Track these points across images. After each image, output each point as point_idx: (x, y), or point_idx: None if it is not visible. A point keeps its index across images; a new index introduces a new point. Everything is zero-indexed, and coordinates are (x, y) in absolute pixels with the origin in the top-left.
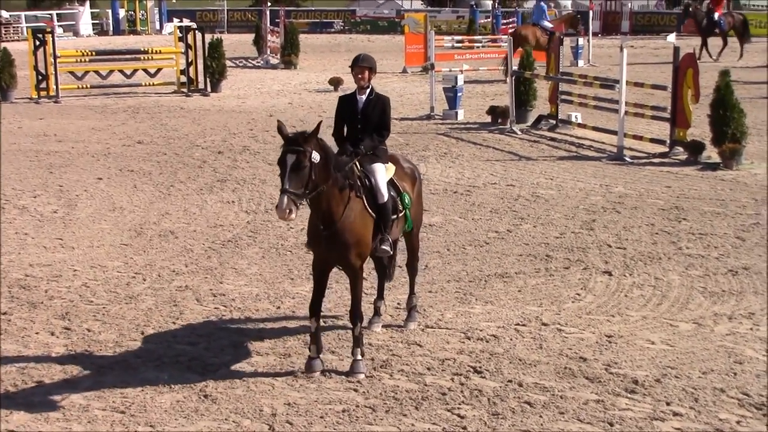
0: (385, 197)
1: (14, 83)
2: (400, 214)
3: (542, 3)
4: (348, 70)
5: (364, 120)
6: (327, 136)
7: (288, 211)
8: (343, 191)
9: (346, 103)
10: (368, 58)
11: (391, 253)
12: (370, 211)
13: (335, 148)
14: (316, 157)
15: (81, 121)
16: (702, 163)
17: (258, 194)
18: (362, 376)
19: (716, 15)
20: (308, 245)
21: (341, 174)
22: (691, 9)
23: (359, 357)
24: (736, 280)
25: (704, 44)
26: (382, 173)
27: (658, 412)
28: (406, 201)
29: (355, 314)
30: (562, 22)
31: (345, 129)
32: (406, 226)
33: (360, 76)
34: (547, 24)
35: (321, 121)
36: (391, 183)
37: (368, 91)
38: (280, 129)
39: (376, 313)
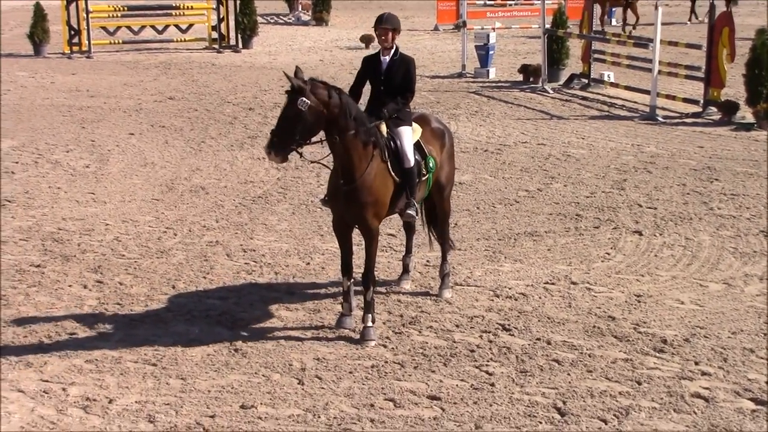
0: (411, 161)
1: (47, 38)
2: (423, 178)
3: None
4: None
5: (387, 81)
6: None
7: (267, 152)
8: (366, 147)
9: (370, 63)
10: (392, 18)
11: (417, 217)
12: (393, 174)
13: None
14: (303, 103)
15: (113, 76)
16: (736, 124)
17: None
18: (373, 343)
19: None
20: (325, 202)
21: (364, 129)
22: None
23: (369, 324)
24: (767, 241)
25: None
26: (409, 136)
27: (686, 372)
28: (431, 165)
29: (368, 277)
30: None
31: (365, 89)
32: (426, 191)
33: (384, 37)
34: None
35: (297, 66)
36: (416, 146)
37: (392, 51)
38: (295, 73)
39: (405, 270)
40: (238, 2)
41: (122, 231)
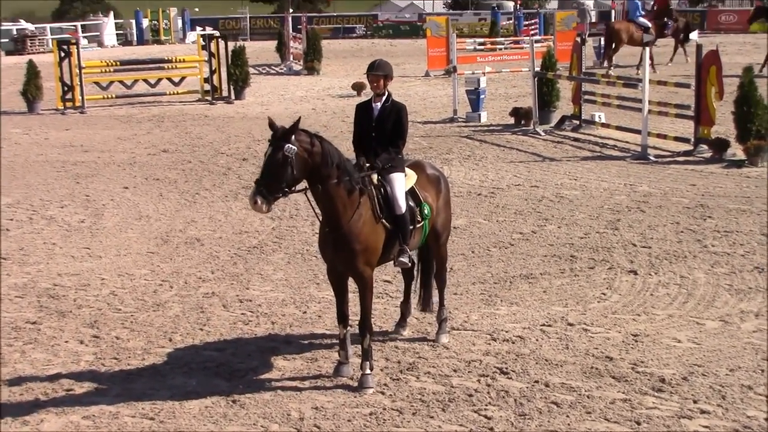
0: (403, 208)
1: (40, 95)
2: (418, 225)
3: (637, 0)
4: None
5: (379, 128)
6: (343, 141)
7: (254, 201)
8: (351, 194)
9: (362, 110)
10: (383, 64)
11: (410, 265)
12: (384, 221)
13: (353, 157)
14: (290, 151)
15: (106, 130)
16: (727, 161)
17: (283, 200)
18: (371, 391)
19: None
20: (319, 248)
21: (349, 176)
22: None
23: (368, 371)
24: (762, 277)
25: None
26: (400, 183)
27: (685, 411)
28: (426, 212)
29: (365, 325)
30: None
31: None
32: (422, 239)
33: (375, 84)
34: (643, 20)
35: (300, 117)
36: (410, 192)
37: (384, 98)
38: (271, 123)
39: (403, 316)
40: (229, 54)
41: (118, 285)
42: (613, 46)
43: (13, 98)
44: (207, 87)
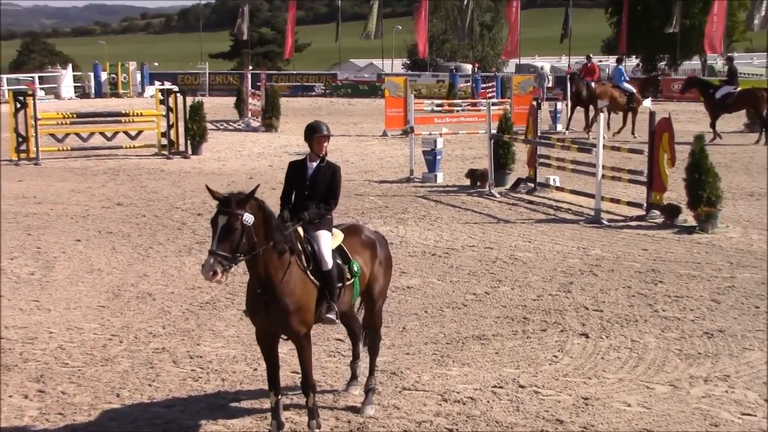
0: (329, 264)
1: None
2: (348, 283)
3: (620, 66)
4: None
5: (312, 187)
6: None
7: (213, 272)
8: (282, 255)
9: (296, 169)
10: (327, 126)
11: (337, 322)
12: (312, 277)
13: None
14: (248, 219)
15: (60, 183)
16: (678, 227)
17: None
18: None
19: (593, 84)
20: (247, 313)
21: (281, 238)
22: (574, 79)
23: (316, 430)
24: (711, 343)
25: (585, 113)
26: (327, 240)
27: None
28: (355, 269)
29: (307, 384)
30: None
31: (293, 195)
32: (353, 297)
33: (325, 144)
34: (627, 85)
35: (258, 185)
36: (338, 250)
37: (320, 158)
38: (213, 193)
39: (353, 376)
40: (187, 109)
41: (66, 339)
42: (593, 110)
43: None
44: (164, 141)
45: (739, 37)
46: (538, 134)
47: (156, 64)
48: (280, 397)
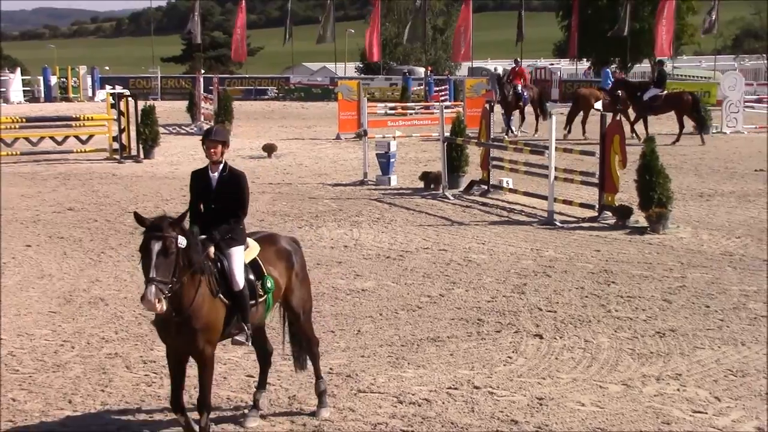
0: (241, 284)
1: None
2: (260, 300)
3: (607, 69)
4: (281, 136)
5: (218, 198)
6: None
7: (157, 301)
8: (194, 275)
9: (199, 179)
10: (221, 131)
11: (248, 344)
12: (222, 297)
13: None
14: (183, 242)
15: (10, 188)
16: (630, 227)
17: None
18: None
19: (519, 87)
20: (158, 332)
21: (199, 259)
22: (502, 82)
23: None
24: (663, 342)
25: (510, 117)
26: (239, 257)
27: None
28: (269, 285)
29: (203, 404)
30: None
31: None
32: (265, 313)
33: (213, 150)
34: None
35: (188, 210)
36: (252, 264)
37: (221, 167)
38: (139, 218)
39: (255, 405)
40: (139, 113)
41: (17, 345)
42: (581, 112)
43: None
44: (115, 145)
45: (687, 41)
46: (491, 137)
47: (107, 68)
48: (187, 417)
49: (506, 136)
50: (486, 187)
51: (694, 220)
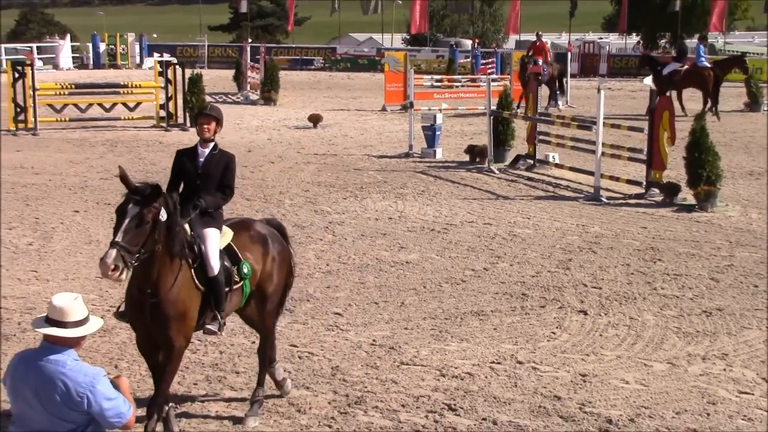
0: (215, 269)
1: None
2: (235, 287)
3: (701, 44)
4: (327, 107)
5: (204, 177)
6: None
7: (114, 267)
8: (174, 259)
9: (186, 157)
10: (216, 108)
11: (220, 333)
12: (197, 283)
13: None
14: (164, 215)
15: (59, 154)
16: (677, 205)
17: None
18: None
19: (541, 62)
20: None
21: (179, 240)
22: (526, 61)
23: None
24: (709, 321)
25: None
26: (215, 241)
27: None
28: (245, 270)
29: (157, 400)
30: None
31: (182, 186)
32: (242, 300)
33: (207, 126)
34: (706, 63)
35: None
36: (226, 250)
37: (212, 145)
38: (124, 178)
39: (252, 403)
40: (186, 81)
41: None
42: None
43: None
44: (162, 113)
45: (741, 16)
46: (538, 111)
47: (155, 35)
48: (170, 405)
49: (557, 108)
50: (532, 162)
51: (744, 198)
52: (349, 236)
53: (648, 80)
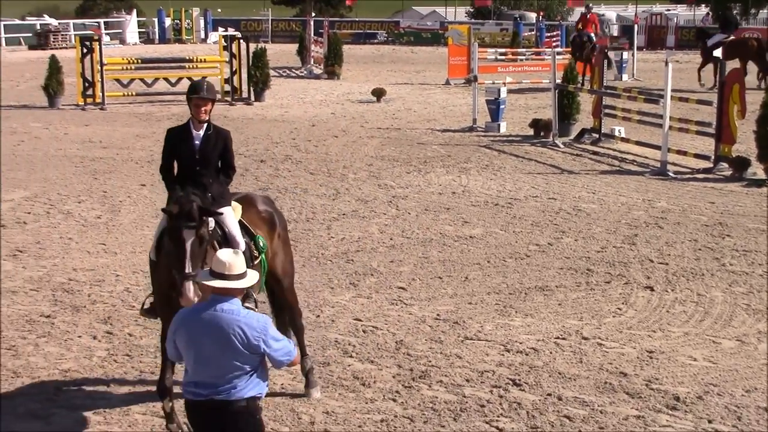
0: (242, 244)
1: (62, 90)
2: (256, 262)
3: None
4: (390, 81)
5: (203, 159)
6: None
7: (197, 297)
8: (202, 243)
9: (178, 138)
10: (212, 88)
11: (255, 309)
12: None
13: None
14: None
15: (126, 128)
16: (747, 180)
17: (299, 203)
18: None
19: (592, 36)
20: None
21: (211, 229)
22: (575, 35)
23: None
24: None
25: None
26: (233, 218)
27: (699, 430)
28: (261, 244)
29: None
30: None
31: (176, 168)
32: (263, 275)
33: (204, 108)
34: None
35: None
36: (240, 225)
37: (206, 125)
38: (167, 209)
39: (307, 374)
40: (250, 55)
41: (132, 282)
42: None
43: (34, 92)
44: (227, 88)
45: None
46: (604, 84)
47: (219, 10)
48: (173, 401)
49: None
50: (597, 136)
51: None
52: (413, 210)
53: (718, 52)
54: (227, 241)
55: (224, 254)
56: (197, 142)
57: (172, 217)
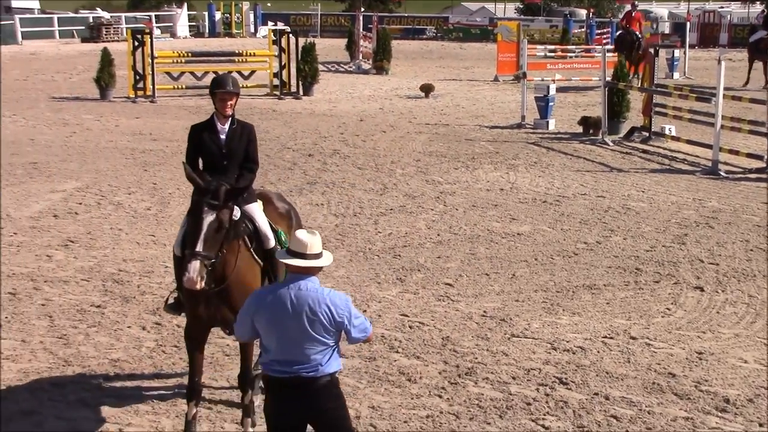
0: (272, 241)
1: (113, 82)
2: None
3: None
4: (439, 76)
5: (229, 153)
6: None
7: (200, 278)
8: (232, 241)
9: (204, 133)
10: (236, 82)
11: None
12: (257, 258)
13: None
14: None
15: (175, 120)
16: None
17: (347, 197)
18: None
19: (638, 34)
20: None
21: (237, 222)
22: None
23: (250, 429)
24: None
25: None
26: (261, 213)
27: None
28: (283, 239)
29: (245, 379)
30: None
31: (203, 163)
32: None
33: (230, 102)
34: None
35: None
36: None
37: (230, 119)
38: (191, 177)
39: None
40: (299, 50)
41: None
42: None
43: (86, 85)
44: (276, 82)
45: None
46: (655, 82)
47: (269, 4)
48: (198, 408)
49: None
50: (647, 134)
51: None
52: (461, 207)
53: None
54: (258, 237)
55: (303, 234)
56: (223, 136)
57: (197, 192)
